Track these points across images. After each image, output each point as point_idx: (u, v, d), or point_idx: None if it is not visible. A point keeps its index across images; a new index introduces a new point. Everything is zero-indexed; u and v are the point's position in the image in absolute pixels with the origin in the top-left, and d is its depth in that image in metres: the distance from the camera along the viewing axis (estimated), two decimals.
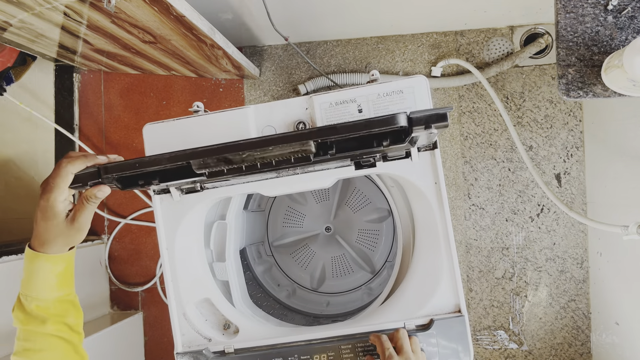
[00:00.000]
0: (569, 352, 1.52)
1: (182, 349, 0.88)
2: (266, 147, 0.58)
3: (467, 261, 1.57)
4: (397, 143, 0.59)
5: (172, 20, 1.01)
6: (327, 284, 1.37)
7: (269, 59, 1.65)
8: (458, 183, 1.57)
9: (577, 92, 0.81)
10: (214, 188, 0.90)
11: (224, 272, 1.02)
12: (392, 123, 0.55)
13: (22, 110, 1.59)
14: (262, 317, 1.04)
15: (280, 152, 0.59)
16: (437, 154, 0.83)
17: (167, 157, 0.60)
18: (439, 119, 0.55)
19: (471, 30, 1.56)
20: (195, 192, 0.90)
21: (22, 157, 1.66)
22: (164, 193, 0.91)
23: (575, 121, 1.52)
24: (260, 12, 1.31)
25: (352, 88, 0.83)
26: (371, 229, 1.37)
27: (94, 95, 1.69)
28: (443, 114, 0.54)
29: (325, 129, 0.57)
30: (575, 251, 1.52)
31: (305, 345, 0.83)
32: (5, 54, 1.43)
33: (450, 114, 0.57)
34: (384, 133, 0.60)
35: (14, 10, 0.97)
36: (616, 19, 0.81)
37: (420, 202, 0.87)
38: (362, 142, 0.61)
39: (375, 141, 0.60)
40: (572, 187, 1.52)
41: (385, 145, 0.59)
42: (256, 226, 1.37)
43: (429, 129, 0.55)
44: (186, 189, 0.90)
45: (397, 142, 0.59)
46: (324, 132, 0.57)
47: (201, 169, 0.62)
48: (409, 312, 0.84)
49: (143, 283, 1.67)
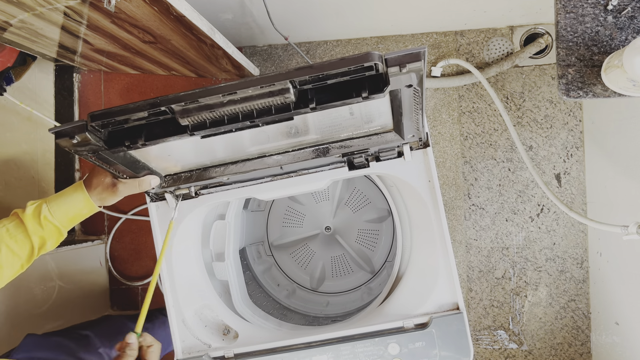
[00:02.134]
0: (569, 352, 1.52)
1: (182, 355, 0.88)
2: (245, 89, 0.59)
3: (467, 261, 1.57)
4: (376, 92, 0.59)
5: (172, 20, 1.01)
6: (326, 284, 1.37)
7: (269, 59, 1.65)
8: (458, 183, 1.57)
9: (577, 92, 0.81)
10: (209, 194, 0.90)
11: (224, 271, 1.02)
12: (367, 59, 0.55)
13: (22, 110, 1.59)
14: (261, 317, 1.04)
15: (260, 95, 0.60)
16: (429, 153, 0.83)
17: (150, 102, 0.62)
18: (413, 57, 0.55)
19: (471, 30, 1.56)
20: (191, 198, 0.90)
21: (22, 157, 1.66)
22: (160, 200, 0.90)
23: (575, 121, 1.52)
24: (260, 12, 1.31)
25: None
26: (371, 229, 1.37)
27: (94, 95, 1.69)
28: (417, 52, 0.55)
29: (302, 68, 0.58)
30: (575, 251, 1.52)
31: (304, 348, 0.83)
32: (5, 54, 1.43)
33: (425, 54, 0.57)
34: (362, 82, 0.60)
35: (14, 10, 0.97)
36: (616, 19, 0.81)
37: (415, 201, 0.87)
38: (341, 93, 0.61)
39: (354, 92, 0.60)
40: (572, 187, 1.52)
41: (365, 96, 0.59)
42: (256, 226, 1.37)
43: (404, 68, 0.55)
44: (182, 196, 0.90)
45: (376, 92, 0.59)
46: (301, 71, 0.58)
47: (184, 116, 0.62)
48: (408, 311, 0.84)
49: (143, 280, 1.67)
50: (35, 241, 0.76)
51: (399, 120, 0.74)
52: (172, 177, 0.87)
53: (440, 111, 1.58)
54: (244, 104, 0.61)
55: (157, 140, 0.66)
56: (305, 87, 0.61)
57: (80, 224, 1.69)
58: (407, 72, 0.56)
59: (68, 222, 0.79)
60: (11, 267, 0.75)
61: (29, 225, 0.74)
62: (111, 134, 0.68)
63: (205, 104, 0.61)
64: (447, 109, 1.58)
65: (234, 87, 0.59)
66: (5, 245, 0.73)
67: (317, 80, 0.60)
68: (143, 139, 0.66)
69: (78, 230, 1.70)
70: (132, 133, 0.67)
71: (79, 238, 1.68)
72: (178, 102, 0.61)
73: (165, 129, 0.66)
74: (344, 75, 0.58)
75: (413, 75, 0.58)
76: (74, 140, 0.64)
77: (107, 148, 0.68)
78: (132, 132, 0.67)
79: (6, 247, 0.73)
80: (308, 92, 0.62)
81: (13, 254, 0.74)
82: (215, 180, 0.86)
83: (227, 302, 1.00)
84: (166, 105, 0.61)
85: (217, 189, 0.89)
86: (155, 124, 0.66)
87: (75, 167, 1.68)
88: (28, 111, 1.57)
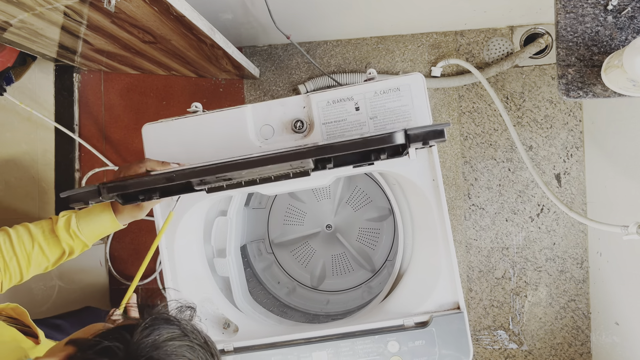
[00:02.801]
0: (568, 352, 1.52)
1: None
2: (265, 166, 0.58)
3: (467, 261, 1.57)
4: (395, 156, 0.59)
5: (172, 20, 1.01)
6: (327, 282, 1.37)
7: (269, 59, 1.65)
8: (458, 183, 1.57)
9: (577, 92, 0.82)
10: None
11: (225, 268, 1.02)
12: (390, 141, 0.55)
13: (22, 110, 1.59)
14: (262, 314, 1.04)
15: (279, 170, 0.59)
16: (434, 152, 0.83)
17: (166, 176, 0.61)
18: (437, 135, 0.55)
19: (471, 30, 1.56)
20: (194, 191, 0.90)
21: (22, 157, 1.66)
22: None
23: (575, 121, 1.52)
24: (260, 12, 1.31)
25: (349, 86, 0.83)
26: (372, 228, 1.37)
27: (94, 95, 1.69)
28: (440, 130, 0.55)
29: (324, 148, 0.57)
30: (575, 251, 1.52)
31: (304, 343, 0.84)
32: (5, 54, 1.44)
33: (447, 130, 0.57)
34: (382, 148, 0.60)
35: (14, 10, 0.97)
36: (616, 19, 0.81)
37: (418, 199, 0.87)
38: (360, 157, 0.61)
39: (373, 155, 0.60)
40: (572, 187, 1.52)
41: (383, 158, 0.59)
42: (257, 223, 1.37)
43: (427, 145, 0.55)
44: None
45: (395, 156, 0.59)
46: (323, 150, 0.57)
47: (201, 185, 0.62)
48: (408, 309, 0.84)
49: (143, 280, 1.67)
50: (65, 248, 0.79)
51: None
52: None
53: (440, 111, 1.58)
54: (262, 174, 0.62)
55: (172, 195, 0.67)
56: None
57: None
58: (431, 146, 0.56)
59: (94, 238, 0.83)
60: (38, 266, 0.78)
61: (60, 234, 0.78)
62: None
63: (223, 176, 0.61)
64: (447, 109, 1.58)
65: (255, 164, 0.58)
66: (38, 245, 0.76)
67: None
68: (158, 196, 0.68)
69: None
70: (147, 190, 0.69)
71: None
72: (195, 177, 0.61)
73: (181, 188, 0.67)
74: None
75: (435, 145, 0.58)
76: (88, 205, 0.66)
77: (123, 203, 0.70)
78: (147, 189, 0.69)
79: (38, 247, 0.76)
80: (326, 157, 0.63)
81: (43, 254, 0.77)
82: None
83: (228, 297, 1.00)
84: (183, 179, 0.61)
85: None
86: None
87: (75, 167, 1.68)
88: (28, 111, 1.57)
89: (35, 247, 0.76)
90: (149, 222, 1.68)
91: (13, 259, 0.74)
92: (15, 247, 0.74)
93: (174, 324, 0.51)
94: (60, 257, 0.80)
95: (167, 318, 0.51)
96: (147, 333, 0.47)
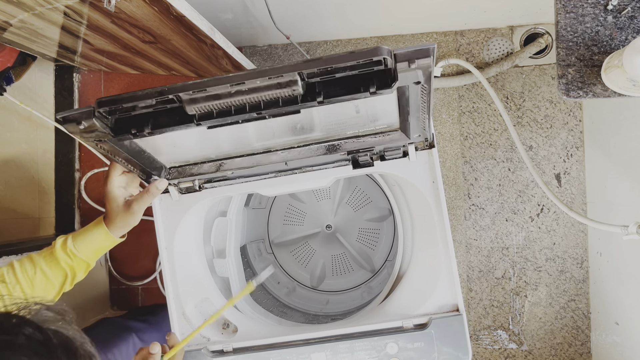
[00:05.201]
0: (568, 352, 1.52)
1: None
2: (253, 80, 0.59)
3: (467, 261, 1.57)
4: (384, 87, 0.59)
5: (172, 20, 1.01)
6: (326, 282, 1.37)
7: (269, 59, 1.65)
8: (458, 183, 1.57)
9: (577, 92, 0.81)
10: (212, 188, 0.90)
11: (225, 268, 1.03)
12: (377, 53, 0.56)
13: (22, 110, 1.59)
14: (261, 315, 1.04)
15: (267, 85, 0.60)
16: (434, 153, 0.83)
17: (158, 90, 0.62)
18: (422, 53, 0.55)
19: (471, 30, 1.56)
20: (194, 191, 0.90)
21: (22, 157, 1.66)
22: (163, 192, 0.91)
23: (575, 121, 1.52)
24: (260, 12, 1.31)
25: None
26: (372, 228, 1.37)
27: (94, 95, 1.69)
28: (426, 48, 0.55)
29: (311, 61, 0.58)
30: (575, 251, 1.52)
31: (303, 344, 0.84)
32: (5, 54, 1.43)
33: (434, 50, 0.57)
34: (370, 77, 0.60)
35: (14, 10, 0.97)
36: (616, 19, 0.81)
37: (418, 201, 0.87)
38: (349, 88, 0.61)
39: (362, 87, 0.60)
40: (572, 187, 1.52)
41: (372, 91, 0.59)
42: (257, 223, 1.37)
43: (413, 64, 0.55)
44: (185, 189, 0.90)
45: (384, 87, 0.59)
46: (309, 63, 0.58)
47: (191, 105, 0.62)
48: (407, 311, 0.84)
49: (143, 280, 1.67)
50: (66, 269, 0.79)
51: (406, 119, 0.74)
52: (177, 170, 0.87)
53: (440, 111, 1.58)
54: (252, 95, 0.62)
55: (164, 129, 0.67)
56: (313, 80, 0.61)
57: (80, 225, 1.70)
58: (416, 68, 0.57)
59: (94, 255, 0.83)
60: (44, 292, 0.78)
61: (58, 255, 0.78)
62: (118, 121, 0.68)
63: (213, 93, 0.61)
64: (447, 109, 1.58)
65: (242, 78, 0.60)
66: (40, 269, 0.77)
67: (325, 73, 0.60)
68: (149, 127, 0.66)
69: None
70: (138, 121, 0.67)
71: None
72: (186, 91, 0.61)
73: (172, 118, 0.67)
74: (353, 69, 0.58)
75: (421, 72, 0.58)
76: (81, 126, 0.64)
77: (114, 135, 0.68)
78: (138, 121, 0.67)
79: (41, 271, 0.77)
80: (316, 86, 0.62)
81: (47, 279, 0.77)
82: (219, 174, 0.87)
83: (228, 297, 1.00)
84: (174, 93, 0.62)
85: (220, 182, 0.90)
86: (162, 113, 0.66)
87: (75, 167, 1.68)
88: (28, 111, 1.57)
89: (38, 272, 0.76)
90: (149, 222, 1.68)
91: (16, 287, 0.74)
92: (17, 274, 0.74)
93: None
94: (64, 280, 0.80)
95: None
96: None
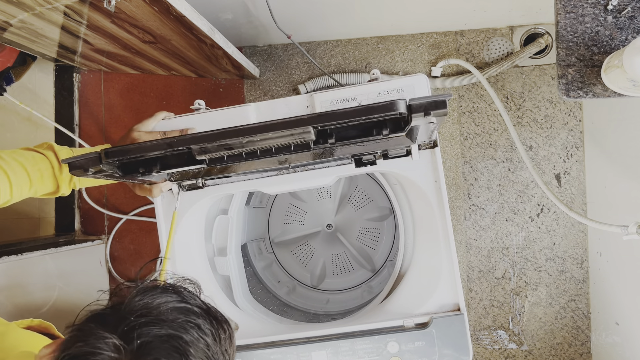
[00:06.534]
0: (568, 352, 1.52)
1: None
2: (266, 133, 0.58)
3: (467, 261, 1.57)
4: (397, 132, 0.59)
5: (172, 20, 1.01)
6: (327, 281, 1.37)
7: (269, 59, 1.65)
8: (458, 183, 1.57)
9: (577, 92, 0.82)
10: (214, 185, 0.90)
11: (225, 266, 1.02)
12: (392, 109, 0.55)
13: (22, 110, 1.59)
14: (262, 313, 1.04)
15: (280, 137, 0.59)
16: (437, 153, 0.83)
17: (167, 142, 0.61)
18: (438, 105, 0.54)
19: (471, 30, 1.56)
20: (197, 188, 0.90)
21: None
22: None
23: (575, 121, 1.52)
24: (261, 11, 1.31)
25: (353, 86, 0.83)
26: (372, 227, 1.37)
27: (94, 95, 1.69)
28: (442, 100, 0.54)
29: (325, 115, 0.57)
30: (575, 251, 1.52)
31: (304, 343, 0.84)
32: (5, 54, 1.43)
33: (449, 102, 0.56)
34: (384, 121, 0.59)
35: (14, 10, 0.97)
36: (616, 19, 0.81)
37: (420, 201, 0.87)
38: (361, 131, 0.61)
39: (375, 130, 0.60)
40: (572, 187, 1.52)
41: (385, 134, 0.59)
42: (257, 222, 1.37)
43: (428, 115, 0.55)
44: (187, 186, 0.90)
45: (397, 131, 0.59)
46: (323, 117, 0.57)
47: (202, 154, 0.62)
48: (408, 310, 0.84)
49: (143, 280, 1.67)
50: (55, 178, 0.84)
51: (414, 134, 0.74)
52: (180, 173, 0.87)
53: None
54: (264, 144, 0.61)
55: (173, 169, 0.67)
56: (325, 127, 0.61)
57: (80, 225, 1.70)
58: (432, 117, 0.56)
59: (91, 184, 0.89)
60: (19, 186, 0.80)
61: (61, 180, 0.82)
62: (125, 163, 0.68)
63: (224, 143, 0.60)
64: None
65: (255, 131, 0.58)
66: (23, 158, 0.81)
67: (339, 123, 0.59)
68: (158, 168, 0.66)
69: (78, 231, 1.70)
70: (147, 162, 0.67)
71: (79, 238, 1.67)
72: (196, 144, 0.61)
73: (181, 159, 0.66)
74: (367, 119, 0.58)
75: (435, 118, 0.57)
76: (88, 173, 0.65)
77: (121, 176, 0.68)
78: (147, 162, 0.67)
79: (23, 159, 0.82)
80: (328, 129, 0.62)
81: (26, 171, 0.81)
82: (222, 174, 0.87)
83: (228, 295, 1.00)
84: (184, 145, 0.61)
85: (222, 180, 0.90)
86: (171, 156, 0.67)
87: None
88: (28, 111, 1.57)
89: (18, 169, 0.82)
90: (149, 223, 1.68)
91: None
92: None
93: (171, 291, 0.49)
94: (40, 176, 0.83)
95: (165, 287, 0.50)
96: (140, 298, 0.47)
